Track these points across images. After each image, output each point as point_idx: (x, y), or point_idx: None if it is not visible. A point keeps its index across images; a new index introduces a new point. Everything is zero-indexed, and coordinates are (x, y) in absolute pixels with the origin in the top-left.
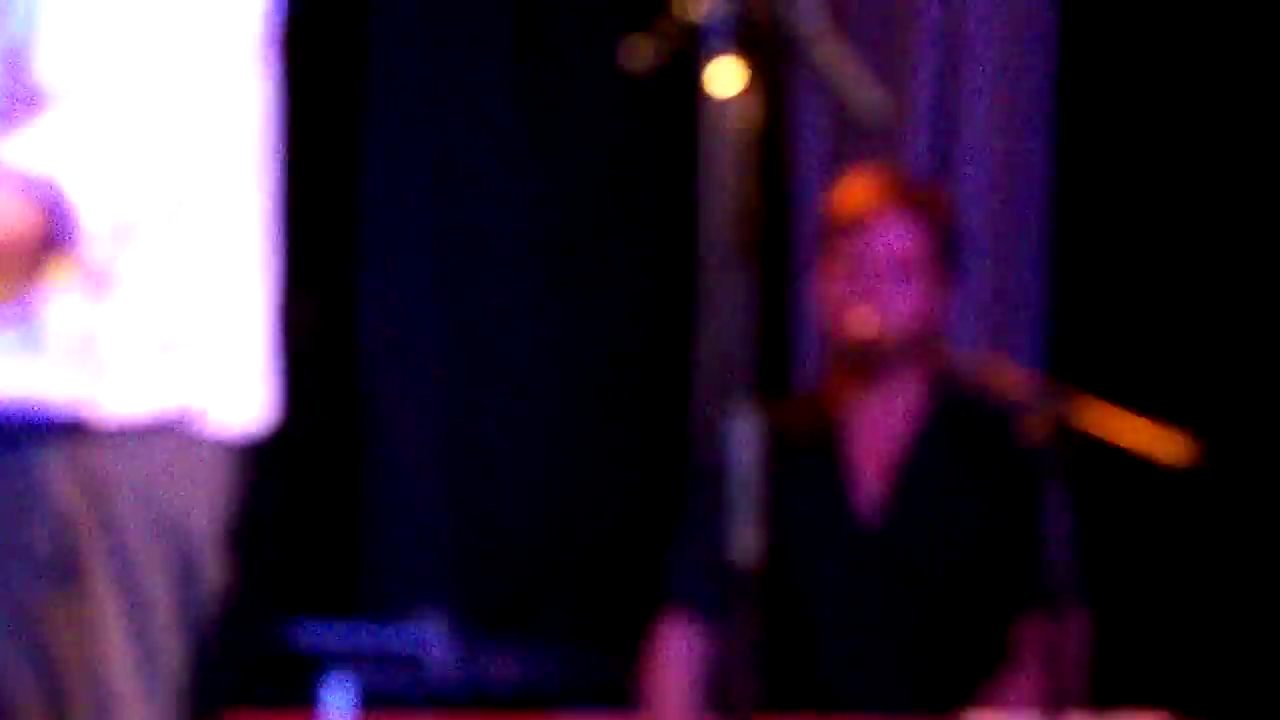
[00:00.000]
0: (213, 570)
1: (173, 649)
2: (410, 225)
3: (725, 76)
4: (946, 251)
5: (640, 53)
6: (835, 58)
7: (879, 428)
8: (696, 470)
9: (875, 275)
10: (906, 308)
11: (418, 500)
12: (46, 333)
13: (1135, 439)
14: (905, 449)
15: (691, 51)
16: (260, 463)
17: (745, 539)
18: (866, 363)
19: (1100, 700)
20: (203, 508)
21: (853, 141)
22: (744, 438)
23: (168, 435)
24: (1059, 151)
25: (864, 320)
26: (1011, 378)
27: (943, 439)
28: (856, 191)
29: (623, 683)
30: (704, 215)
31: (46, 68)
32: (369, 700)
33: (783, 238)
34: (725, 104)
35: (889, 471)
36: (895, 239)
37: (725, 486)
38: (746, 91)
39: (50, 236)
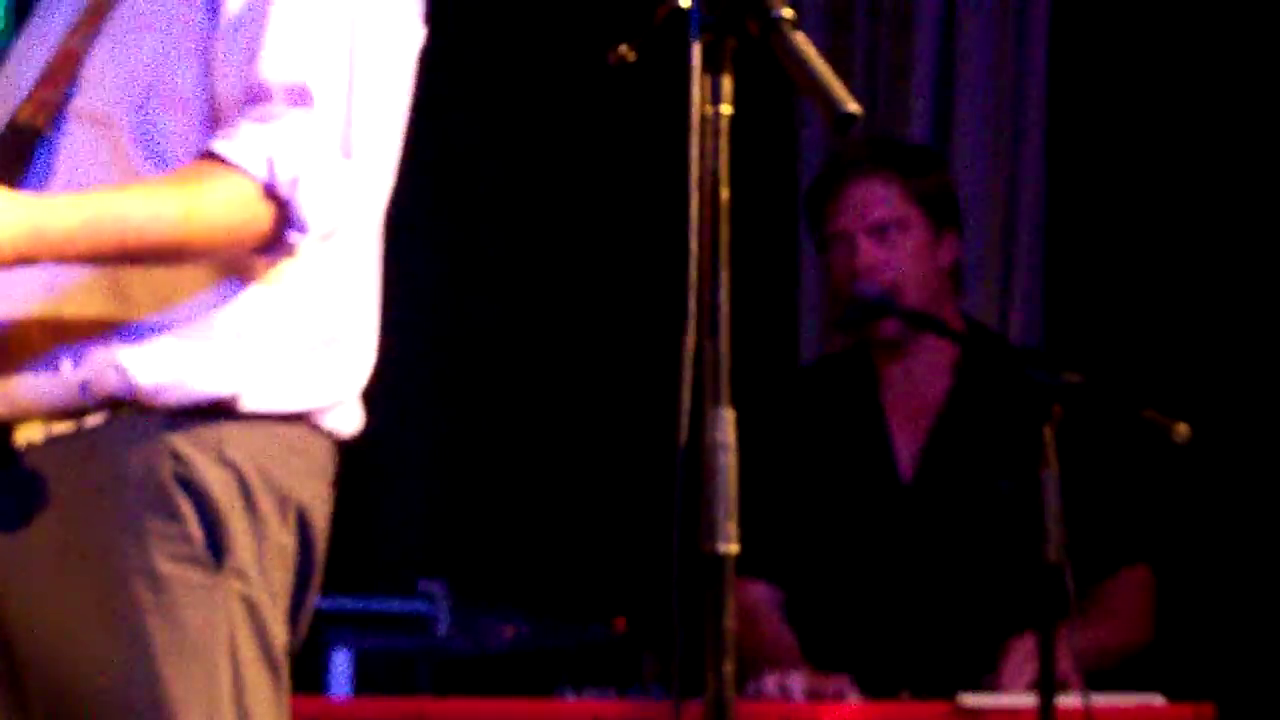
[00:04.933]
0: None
1: (282, 638)
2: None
3: (706, 65)
4: (934, 211)
5: (625, 45)
6: (805, 48)
7: (914, 386)
8: (683, 461)
9: (855, 237)
10: (891, 267)
11: (419, 479)
12: (215, 323)
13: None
14: (937, 407)
15: (674, 40)
16: None
17: (724, 530)
18: (864, 323)
19: (1094, 683)
20: (324, 501)
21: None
22: (724, 432)
23: (306, 425)
24: (1054, 125)
25: (853, 282)
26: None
27: (974, 398)
28: (835, 160)
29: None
30: (690, 212)
31: (271, 67)
32: (372, 664)
33: (790, 218)
34: (705, 93)
35: (923, 430)
36: (868, 199)
37: (707, 480)
38: (725, 79)
39: (276, 235)
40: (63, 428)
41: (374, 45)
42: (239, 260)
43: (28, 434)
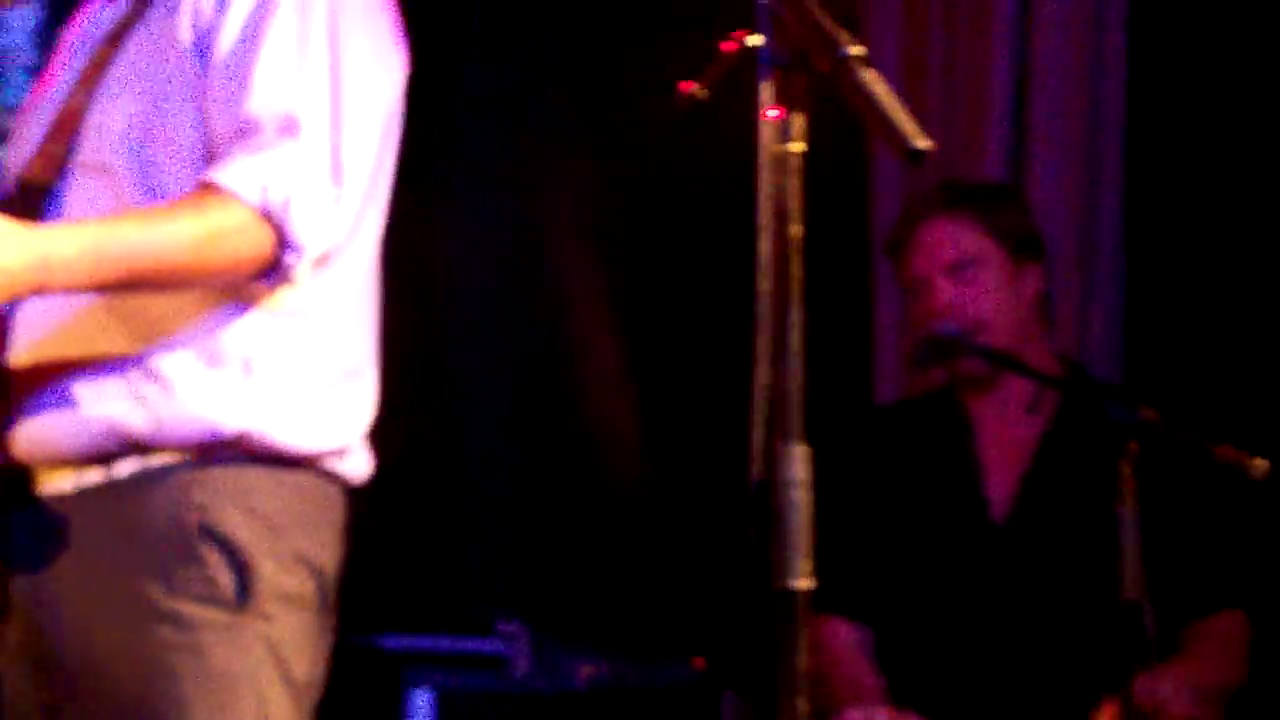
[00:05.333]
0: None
1: (309, 678)
2: (484, 258)
3: (776, 103)
4: (1012, 244)
5: (695, 83)
6: (876, 85)
7: (1007, 425)
8: (756, 498)
9: (931, 278)
10: (970, 305)
11: (496, 520)
12: (225, 352)
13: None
14: (1032, 448)
15: (744, 79)
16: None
17: (797, 566)
18: (939, 360)
19: None
20: (335, 551)
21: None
22: (796, 469)
23: (317, 472)
24: (1131, 158)
25: (925, 321)
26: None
27: (1071, 437)
28: (909, 206)
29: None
30: (759, 247)
31: (260, 102)
32: (452, 703)
33: (864, 251)
34: (775, 131)
35: (1016, 470)
36: (941, 240)
37: (780, 516)
38: (796, 117)
39: (273, 258)
40: (92, 477)
41: (357, 78)
42: (241, 290)
43: (55, 482)
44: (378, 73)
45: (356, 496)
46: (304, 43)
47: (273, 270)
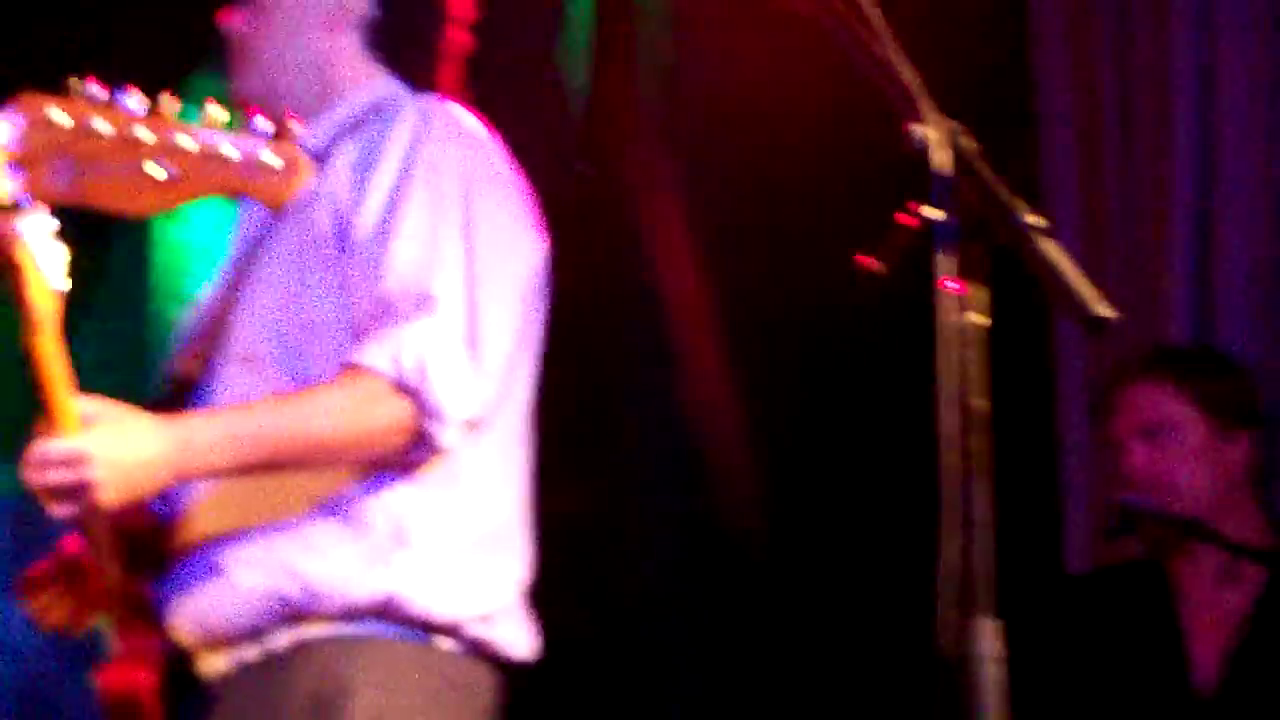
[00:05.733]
0: None
1: None
2: (657, 434)
3: (956, 275)
4: (1217, 411)
5: (875, 255)
6: (1055, 254)
7: (1213, 594)
8: (946, 674)
9: (1126, 441)
10: (1162, 471)
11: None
12: (373, 520)
13: None
14: (1239, 618)
15: (924, 251)
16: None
17: None
18: (1129, 530)
19: None
20: None
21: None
22: (986, 643)
23: (466, 645)
24: None
25: (1122, 485)
26: None
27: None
28: (1113, 367)
29: None
30: (942, 421)
31: (396, 281)
32: None
33: (1049, 418)
34: (955, 303)
35: (1225, 643)
36: (1138, 403)
37: (971, 698)
38: (976, 289)
39: (415, 428)
40: (250, 654)
41: (492, 253)
42: (386, 457)
43: (214, 663)
44: (513, 249)
45: (515, 674)
46: (438, 223)
47: (420, 441)
